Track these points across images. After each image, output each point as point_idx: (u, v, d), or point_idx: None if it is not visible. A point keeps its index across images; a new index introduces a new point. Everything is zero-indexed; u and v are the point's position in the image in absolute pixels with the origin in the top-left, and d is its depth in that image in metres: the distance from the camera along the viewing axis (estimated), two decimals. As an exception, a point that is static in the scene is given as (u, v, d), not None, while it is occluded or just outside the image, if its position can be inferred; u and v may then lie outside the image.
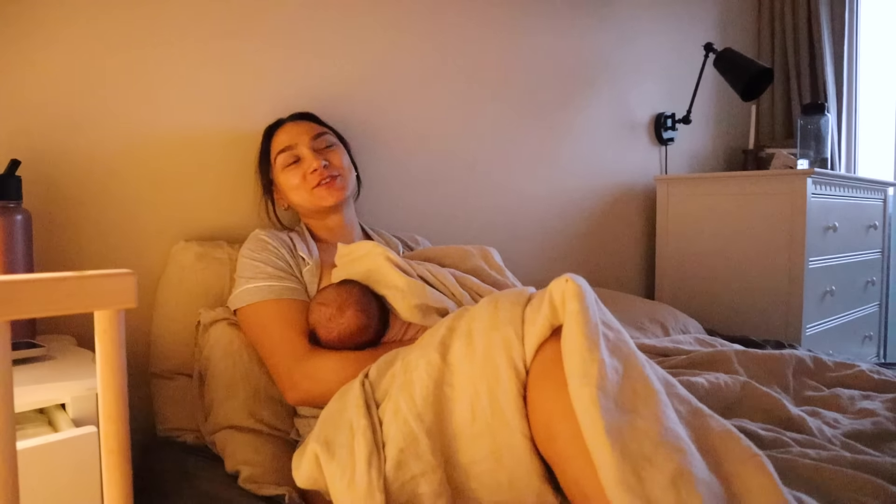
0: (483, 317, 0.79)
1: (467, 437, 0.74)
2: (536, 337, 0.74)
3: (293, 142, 1.20)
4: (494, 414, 0.73)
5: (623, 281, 2.24)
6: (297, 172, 1.19)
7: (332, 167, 1.19)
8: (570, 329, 0.71)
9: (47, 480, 0.62)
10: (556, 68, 1.96)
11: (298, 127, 1.22)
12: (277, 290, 1.06)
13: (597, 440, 0.63)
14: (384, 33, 1.54)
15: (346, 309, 0.99)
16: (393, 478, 0.73)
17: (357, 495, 0.72)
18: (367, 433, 0.76)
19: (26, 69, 1.06)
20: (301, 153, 1.19)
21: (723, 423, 0.72)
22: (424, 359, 0.79)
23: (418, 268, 1.06)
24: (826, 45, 2.64)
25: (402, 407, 0.76)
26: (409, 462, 0.73)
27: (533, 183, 1.91)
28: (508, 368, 0.74)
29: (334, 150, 1.23)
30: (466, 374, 0.76)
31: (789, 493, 0.66)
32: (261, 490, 0.91)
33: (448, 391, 0.76)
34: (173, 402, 1.12)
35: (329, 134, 1.25)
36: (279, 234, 1.17)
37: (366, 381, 0.86)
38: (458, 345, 0.78)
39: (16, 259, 0.91)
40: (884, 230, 2.50)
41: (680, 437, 0.66)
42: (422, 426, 0.74)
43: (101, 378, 0.49)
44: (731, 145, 2.73)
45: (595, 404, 0.65)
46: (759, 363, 1.24)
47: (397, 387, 0.79)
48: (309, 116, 1.28)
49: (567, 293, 0.73)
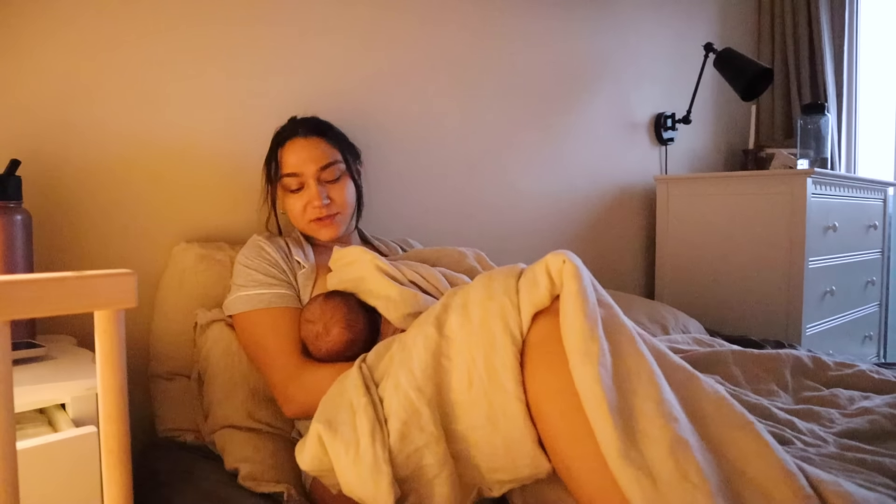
0: (477, 289, 0.81)
1: (465, 405, 0.76)
2: (534, 305, 0.76)
3: (300, 170, 1.16)
4: (490, 379, 0.74)
5: (623, 281, 2.24)
6: (299, 201, 1.17)
7: (333, 205, 1.17)
8: (571, 309, 0.73)
9: (47, 480, 0.62)
10: (556, 68, 1.96)
11: (309, 150, 1.16)
12: (268, 298, 1.06)
13: (601, 417, 0.66)
14: (383, 35, 1.54)
15: (331, 327, 0.99)
16: (398, 450, 0.74)
17: (363, 469, 0.73)
18: (368, 409, 0.77)
19: (27, 69, 1.06)
20: (306, 183, 1.16)
21: (717, 389, 0.75)
22: (421, 334, 0.80)
23: (408, 272, 1.05)
24: (826, 45, 2.64)
25: (402, 381, 0.77)
26: (412, 434, 0.74)
27: (533, 183, 1.91)
28: (504, 335, 0.75)
29: (340, 183, 1.19)
30: (463, 342, 0.77)
31: (787, 455, 0.69)
32: (260, 487, 0.92)
33: (445, 363, 0.77)
34: (173, 403, 1.12)
35: (339, 163, 1.19)
36: (276, 239, 1.17)
37: (363, 366, 0.86)
38: (454, 317, 0.80)
39: (16, 259, 0.91)
40: (884, 230, 2.50)
41: (674, 407, 0.70)
42: (423, 398, 0.75)
43: (101, 378, 0.49)
44: (731, 145, 2.73)
45: (598, 382, 0.68)
46: (757, 363, 1.24)
47: (396, 363, 0.80)
48: (322, 130, 1.21)
49: (566, 272, 0.76)
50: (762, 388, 1.17)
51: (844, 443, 0.93)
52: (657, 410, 0.68)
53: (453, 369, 0.77)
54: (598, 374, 0.68)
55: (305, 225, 1.19)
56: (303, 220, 1.18)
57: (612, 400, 0.67)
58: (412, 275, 1.05)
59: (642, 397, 0.69)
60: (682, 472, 0.63)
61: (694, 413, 0.71)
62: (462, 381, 0.76)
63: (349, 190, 1.21)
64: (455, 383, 0.76)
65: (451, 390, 0.76)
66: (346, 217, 1.21)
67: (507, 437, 0.74)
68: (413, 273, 1.05)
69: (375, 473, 0.72)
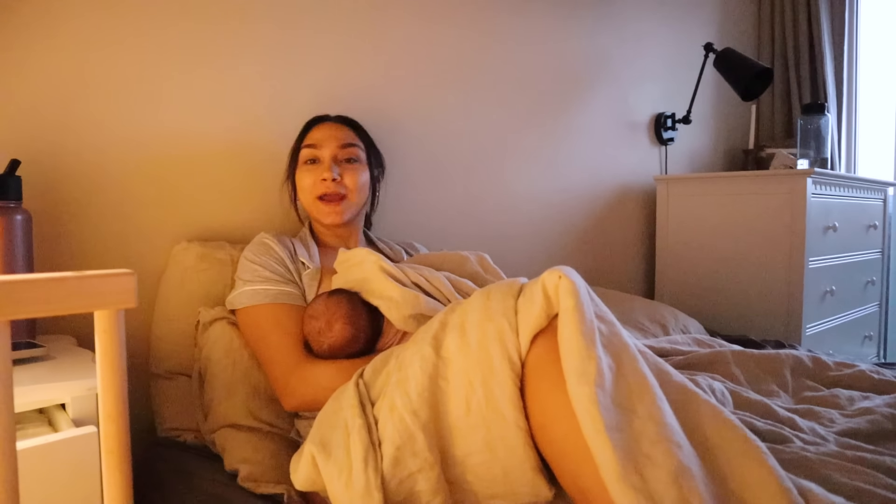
0: (475, 308, 0.79)
1: (462, 430, 0.74)
2: (531, 328, 0.74)
3: (320, 143, 1.20)
4: (489, 405, 0.73)
5: (623, 281, 2.24)
6: (311, 174, 1.19)
7: (341, 184, 1.18)
8: (567, 327, 0.71)
9: (47, 480, 0.62)
10: (556, 69, 1.96)
11: (333, 129, 1.22)
12: (273, 293, 1.07)
13: (597, 439, 0.64)
14: (382, 38, 1.54)
15: (334, 323, 0.99)
16: (390, 475, 0.73)
17: (355, 494, 0.72)
18: (362, 432, 0.76)
19: (27, 69, 1.06)
20: (321, 156, 1.19)
21: (719, 410, 0.73)
22: (418, 354, 0.78)
23: (413, 274, 1.05)
24: (826, 45, 2.64)
25: (398, 404, 0.76)
26: (405, 459, 0.73)
27: (533, 183, 1.91)
28: (503, 360, 0.73)
29: (354, 166, 1.21)
30: (461, 366, 0.76)
31: (789, 481, 0.66)
32: (259, 488, 0.92)
33: (443, 385, 0.76)
34: (173, 402, 1.12)
35: (359, 149, 1.23)
36: (283, 238, 1.17)
37: (360, 382, 0.86)
38: (451, 338, 0.78)
39: (16, 259, 0.91)
40: (884, 230, 2.50)
41: (677, 432, 0.67)
42: (418, 422, 0.74)
43: (101, 378, 0.49)
44: (731, 145, 2.73)
45: (594, 403, 0.65)
46: (757, 363, 1.24)
47: (392, 384, 0.79)
48: (351, 122, 1.27)
49: (561, 289, 0.73)
50: (762, 388, 1.17)
51: (845, 441, 0.92)
52: (660, 434, 0.65)
53: (451, 392, 0.75)
54: (595, 394, 0.65)
55: (312, 202, 1.19)
56: (310, 195, 1.19)
57: (610, 420, 0.65)
58: (416, 277, 1.05)
59: (644, 418, 0.67)
60: (685, 503, 0.61)
61: (695, 437, 0.69)
62: (460, 406, 0.74)
63: (362, 177, 1.22)
64: (453, 407, 0.75)
65: (448, 413, 0.75)
66: (352, 204, 1.21)
67: (505, 464, 0.73)
68: (417, 276, 1.05)
69: (367, 499, 0.72)
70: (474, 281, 1.15)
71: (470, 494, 0.76)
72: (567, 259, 2.02)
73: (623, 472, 0.61)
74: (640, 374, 0.71)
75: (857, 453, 0.86)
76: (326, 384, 0.96)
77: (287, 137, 1.30)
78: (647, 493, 0.60)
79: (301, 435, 1.05)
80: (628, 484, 0.61)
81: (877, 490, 0.76)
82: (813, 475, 0.78)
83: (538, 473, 0.73)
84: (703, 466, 0.66)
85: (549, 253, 1.97)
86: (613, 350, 0.73)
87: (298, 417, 1.07)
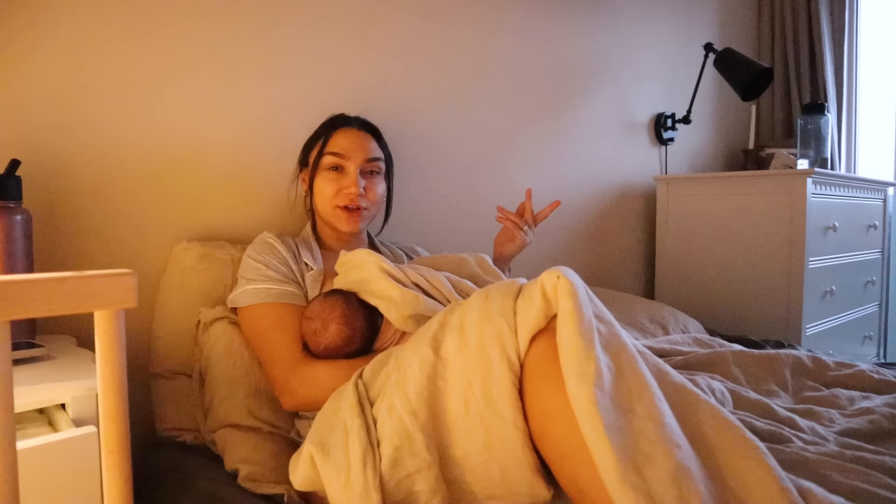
0: (475, 309, 0.79)
1: (461, 430, 0.74)
2: (530, 329, 0.74)
3: (347, 153, 1.20)
4: (488, 406, 0.73)
5: (623, 281, 2.24)
6: (334, 182, 1.19)
7: (364, 199, 1.20)
8: (565, 327, 0.71)
9: (47, 480, 0.62)
10: (556, 68, 1.96)
11: (360, 139, 1.22)
12: (276, 293, 1.07)
13: (597, 439, 0.64)
14: (383, 38, 1.54)
15: (329, 323, 0.99)
16: (388, 476, 0.73)
17: (353, 495, 0.72)
18: (360, 432, 0.76)
19: (27, 69, 1.06)
20: (347, 167, 1.20)
21: (718, 410, 0.73)
22: (417, 355, 0.78)
23: (413, 275, 1.05)
24: (826, 45, 2.64)
25: (397, 404, 0.76)
26: (404, 460, 0.73)
27: (532, 183, 1.91)
28: (502, 360, 0.74)
29: (377, 180, 1.24)
30: (460, 366, 0.76)
31: (789, 480, 0.66)
32: (260, 489, 0.92)
33: (442, 385, 0.76)
34: (173, 402, 1.12)
35: (381, 162, 1.25)
36: (286, 238, 1.18)
37: (359, 382, 0.86)
38: (450, 338, 0.78)
39: (16, 259, 0.91)
40: (884, 230, 2.50)
41: (676, 432, 0.67)
42: (416, 423, 0.74)
43: (101, 378, 0.49)
44: (731, 145, 2.73)
45: (593, 403, 0.65)
46: (757, 363, 1.24)
47: (391, 384, 0.79)
48: (374, 130, 1.28)
49: (560, 290, 0.73)
50: (762, 388, 1.17)
51: (845, 441, 0.92)
52: (659, 434, 0.65)
53: (450, 392, 0.75)
54: (594, 394, 0.65)
55: (331, 210, 1.20)
56: (330, 203, 1.20)
57: (609, 420, 0.65)
58: (416, 277, 1.05)
59: (643, 418, 0.67)
60: (684, 503, 0.61)
61: (694, 437, 0.69)
62: (458, 406, 0.74)
63: (381, 190, 1.26)
64: (451, 407, 0.75)
65: (447, 413, 0.75)
66: (370, 215, 1.24)
67: (504, 465, 0.73)
68: (417, 276, 1.05)
69: (365, 500, 0.72)
70: (474, 282, 1.15)
71: (468, 495, 0.76)
72: (567, 259, 2.02)
73: (622, 472, 0.61)
74: (639, 374, 0.71)
75: (857, 453, 0.86)
76: (326, 384, 0.96)
77: (288, 137, 1.30)
78: (647, 492, 0.60)
79: (301, 435, 1.05)
80: (628, 484, 0.61)
81: (876, 490, 0.76)
82: (813, 475, 0.78)
83: (537, 474, 0.73)
84: (702, 466, 0.66)
85: (549, 252, 1.97)
86: (612, 350, 0.73)
87: (299, 417, 1.07)
